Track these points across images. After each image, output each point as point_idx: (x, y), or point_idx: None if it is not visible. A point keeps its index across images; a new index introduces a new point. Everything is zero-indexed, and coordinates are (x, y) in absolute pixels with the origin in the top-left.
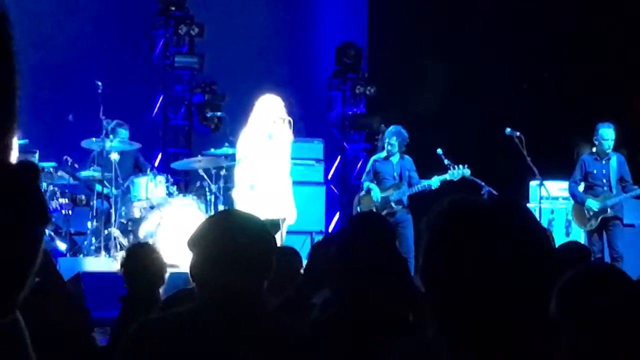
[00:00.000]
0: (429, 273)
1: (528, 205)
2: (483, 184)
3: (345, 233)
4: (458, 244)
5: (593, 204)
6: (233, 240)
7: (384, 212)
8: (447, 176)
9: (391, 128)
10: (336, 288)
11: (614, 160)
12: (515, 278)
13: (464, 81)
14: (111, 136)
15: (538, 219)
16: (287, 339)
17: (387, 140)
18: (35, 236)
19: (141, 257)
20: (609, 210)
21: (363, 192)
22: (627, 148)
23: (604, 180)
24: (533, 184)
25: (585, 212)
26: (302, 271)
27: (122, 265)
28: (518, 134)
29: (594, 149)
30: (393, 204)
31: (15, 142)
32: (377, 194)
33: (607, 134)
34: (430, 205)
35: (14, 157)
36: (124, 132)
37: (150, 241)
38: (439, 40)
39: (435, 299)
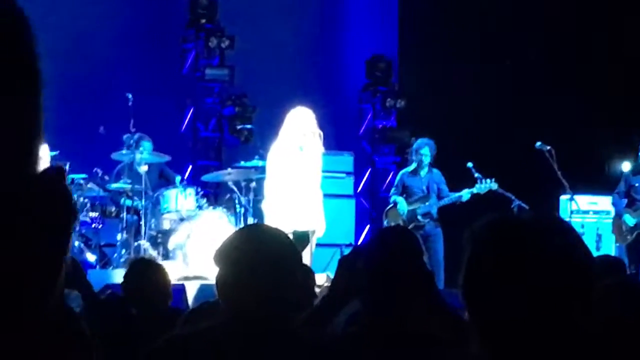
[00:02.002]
0: (472, 292)
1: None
2: (513, 197)
3: (372, 247)
4: (500, 263)
5: (628, 218)
6: (258, 255)
7: (411, 226)
8: (474, 189)
9: (420, 140)
10: (364, 302)
11: None
12: (561, 301)
13: (495, 93)
14: (141, 148)
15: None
16: (314, 354)
17: (419, 151)
18: (63, 236)
19: (142, 274)
20: None
21: (390, 206)
22: None
23: None
24: (563, 198)
25: (622, 226)
26: (322, 286)
27: (122, 284)
28: (548, 147)
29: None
30: (420, 217)
31: (47, 153)
32: (403, 207)
33: None
34: (461, 218)
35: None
36: (147, 145)
37: (180, 253)
38: (469, 53)
39: (479, 318)
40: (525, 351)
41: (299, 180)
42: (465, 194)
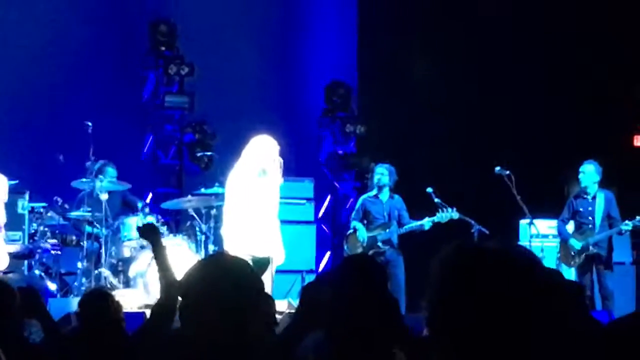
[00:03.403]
0: (436, 317)
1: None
2: (473, 222)
3: (335, 276)
4: (464, 290)
5: (575, 243)
6: (221, 285)
7: (371, 252)
8: (435, 218)
9: (379, 165)
10: (329, 331)
11: (600, 197)
12: (523, 318)
13: (455, 119)
14: (100, 176)
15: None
16: None
17: (376, 173)
18: None
19: (95, 304)
20: (590, 247)
21: (350, 231)
22: (617, 185)
23: (590, 218)
24: (523, 222)
25: (570, 250)
26: (285, 312)
27: (77, 315)
28: (508, 172)
29: (580, 186)
30: (380, 244)
31: (5, 183)
32: (363, 233)
33: (584, 168)
34: (421, 245)
35: (4, 193)
36: (112, 171)
37: (141, 282)
38: (428, 81)
39: (442, 340)
40: None
41: (257, 207)
42: (427, 223)
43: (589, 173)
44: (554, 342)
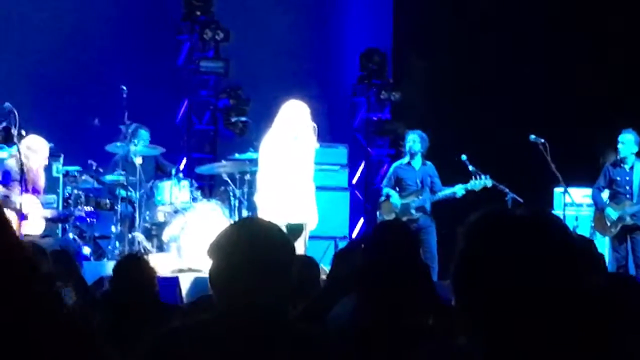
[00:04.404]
0: (462, 285)
1: (552, 212)
2: (507, 190)
3: (369, 242)
4: (492, 257)
5: (612, 212)
6: (253, 249)
7: (404, 219)
8: (468, 185)
9: (411, 132)
10: (361, 296)
11: (638, 167)
12: (550, 287)
13: (489, 87)
14: (135, 140)
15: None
16: (311, 347)
17: (408, 141)
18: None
19: (128, 271)
20: (627, 218)
21: (382, 198)
22: None
23: (627, 188)
24: (557, 190)
25: (606, 219)
26: (321, 280)
27: (110, 282)
28: (542, 140)
29: (617, 156)
30: (413, 211)
31: (46, 146)
32: (396, 200)
33: (623, 138)
34: (454, 212)
35: (44, 158)
36: (145, 134)
37: (174, 246)
38: (464, 47)
39: (470, 304)
40: (515, 342)
41: (291, 173)
42: (459, 190)
43: (629, 142)
44: (578, 307)
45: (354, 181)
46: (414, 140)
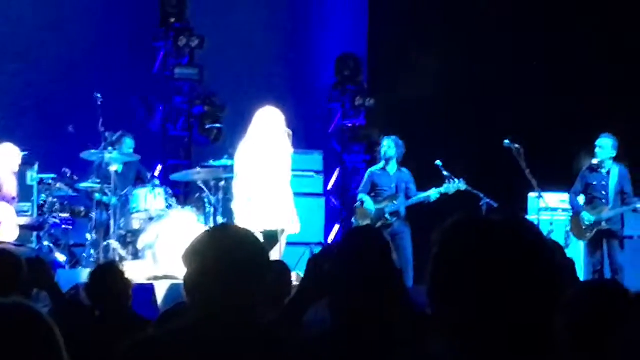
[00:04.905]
0: (437, 291)
1: (527, 217)
2: (482, 195)
3: (339, 248)
4: (467, 262)
5: (587, 216)
6: (227, 255)
7: (379, 224)
8: (442, 189)
9: (386, 138)
10: (332, 303)
11: (614, 171)
12: (525, 292)
13: (464, 92)
14: (110, 148)
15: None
16: (285, 353)
17: (383, 146)
18: None
19: (105, 278)
20: (603, 223)
21: (357, 204)
22: (631, 159)
23: (603, 192)
24: (532, 195)
25: (581, 224)
26: (293, 285)
27: (85, 289)
28: (517, 145)
29: (594, 160)
30: (388, 216)
31: (18, 154)
32: (370, 205)
33: (601, 142)
34: (429, 217)
35: (16, 166)
36: (129, 142)
37: (149, 253)
38: (438, 52)
39: (444, 314)
40: (490, 347)
41: (267, 180)
42: (434, 194)
43: (606, 147)
44: (553, 312)
45: (329, 187)
46: (389, 146)
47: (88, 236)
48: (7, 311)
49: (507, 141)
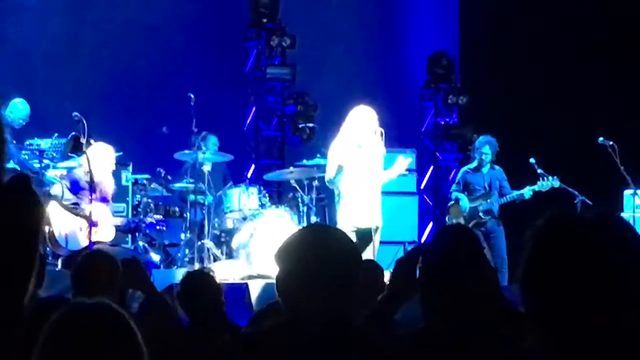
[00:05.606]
0: (531, 289)
1: (622, 214)
2: (576, 192)
3: (429, 247)
4: (560, 261)
5: None
6: (320, 255)
7: (472, 222)
8: (535, 187)
9: (481, 138)
10: (422, 303)
11: None
12: (621, 293)
13: (557, 89)
14: (203, 148)
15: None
16: (376, 353)
17: (480, 149)
18: (32, 238)
19: (195, 285)
20: None
21: (452, 202)
22: None
23: None
24: (627, 192)
25: None
26: (386, 284)
27: (177, 297)
28: (611, 143)
29: None
30: (481, 214)
31: (113, 154)
32: (465, 203)
33: None
34: (522, 215)
35: (113, 166)
36: (214, 139)
37: (243, 253)
38: (531, 50)
39: (538, 308)
40: (584, 346)
41: (360, 178)
42: (527, 192)
43: None
44: None
45: (423, 186)
46: (486, 153)
47: (182, 236)
48: (89, 311)
49: (601, 138)
